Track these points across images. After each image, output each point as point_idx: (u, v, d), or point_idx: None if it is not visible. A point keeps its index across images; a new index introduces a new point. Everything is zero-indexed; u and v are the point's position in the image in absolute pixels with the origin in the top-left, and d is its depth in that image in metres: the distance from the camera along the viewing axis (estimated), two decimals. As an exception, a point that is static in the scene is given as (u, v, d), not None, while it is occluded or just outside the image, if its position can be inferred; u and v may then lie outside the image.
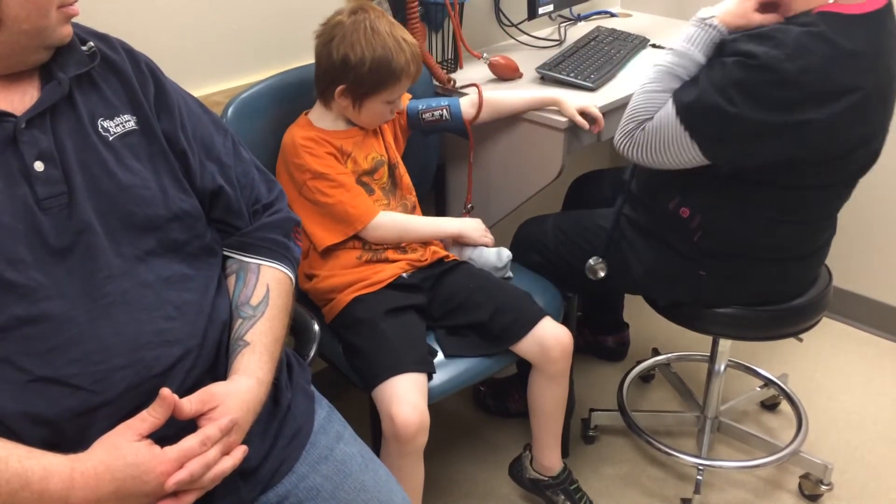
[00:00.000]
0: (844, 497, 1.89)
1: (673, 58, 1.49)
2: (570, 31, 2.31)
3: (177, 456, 0.90)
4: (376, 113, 1.57)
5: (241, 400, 1.00)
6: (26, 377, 0.91)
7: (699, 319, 1.71)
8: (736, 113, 1.37)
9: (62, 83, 0.99)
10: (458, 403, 2.16)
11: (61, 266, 0.95)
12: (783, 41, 1.34)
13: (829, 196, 1.55)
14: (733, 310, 1.66)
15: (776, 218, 1.53)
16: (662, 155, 1.49)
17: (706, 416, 1.97)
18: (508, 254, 1.73)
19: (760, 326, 1.70)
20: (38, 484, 0.85)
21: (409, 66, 1.51)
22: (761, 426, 2.12)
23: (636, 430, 1.96)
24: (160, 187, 1.05)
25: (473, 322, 1.58)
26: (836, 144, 1.41)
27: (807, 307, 1.68)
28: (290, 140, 1.57)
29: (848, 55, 1.34)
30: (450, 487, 1.93)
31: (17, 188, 0.94)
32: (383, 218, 1.59)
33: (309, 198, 1.55)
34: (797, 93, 1.35)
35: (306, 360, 1.30)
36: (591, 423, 2.04)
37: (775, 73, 1.33)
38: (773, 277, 1.63)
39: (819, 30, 1.34)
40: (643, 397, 2.22)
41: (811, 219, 1.57)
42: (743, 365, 2.18)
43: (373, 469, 1.16)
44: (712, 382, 1.93)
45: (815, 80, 1.34)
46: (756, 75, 1.35)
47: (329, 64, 1.51)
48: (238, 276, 1.15)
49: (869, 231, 2.35)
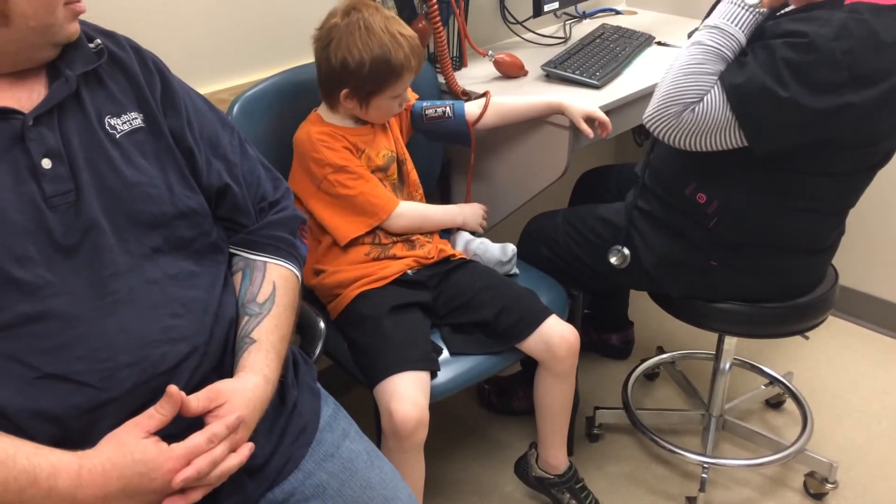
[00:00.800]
0: (850, 495, 1.89)
1: (718, 37, 1.42)
2: (576, 28, 2.30)
3: (184, 453, 0.91)
4: (384, 108, 1.57)
5: (248, 397, 1.00)
6: (33, 374, 0.91)
7: (705, 315, 1.70)
8: (787, 98, 1.34)
9: (69, 80, 0.98)
10: (464, 401, 2.16)
11: (68, 263, 0.95)
12: (829, 21, 1.33)
13: (847, 187, 1.55)
14: (739, 306, 1.66)
15: (792, 205, 1.52)
16: (705, 139, 1.45)
17: (711, 415, 1.97)
18: (513, 248, 1.73)
19: (766, 323, 1.69)
20: (46, 481, 0.86)
21: (409, 60, 1.50)
22: (766, 424, 2.12)
23: (641, 428, 1.96)
24: (167, 185, 1.05)
25: (479, 320, 1.58)
26: (866, 132, 1.41)
27: (813, 305, 1.68)
28: (306, 136, 1.56)
29: (885, 43, 1.34)
30: (455, 485, 1.93)
31: (25, 185, 0.94)
32: (404, 207, 1.60)
33: (329, 192, 1.55)
34: (842, 74, 1.33)
35: (312, 357, 1.30)
36: (595, 421, 2.04)
37: (823, 52, 1.32)
38: (783, 271, 1.62)
39: (862, 17, 1.34)
40: (648, 395, 2.22)
41: (826, 210, 1.57)
42: (748, 363, 2.17)
43: (378, 466, 1.17)
44: (717, 381, 1.92)
45: (857, 62, 1.33)
46: (805, 55, 1.33)
47: (329, 69, 1.51)
48: (244, 274, 1.15)
49: (874, 229, 2.35)
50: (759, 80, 1.36)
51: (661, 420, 2.09)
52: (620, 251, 1.69)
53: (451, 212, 1.74)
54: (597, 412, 2.04)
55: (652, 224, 1.68)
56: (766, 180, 1.51)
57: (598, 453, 2.02)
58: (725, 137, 1.44)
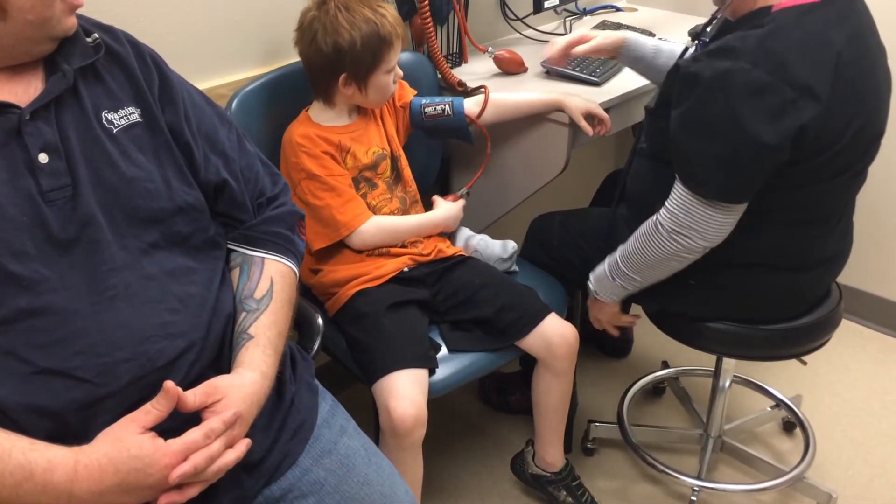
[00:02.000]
0: (850, 495, 1.89)
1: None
2: (576, 25, 2.30)
3: (181, 448, 0.90)
4: (382, 87, 1.56)
5: (245, 393, 1.00)
6: (30, 369, 0.91)
7: (693, 334, 1.61)
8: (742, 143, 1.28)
9: (67, 75, 0.98)
10: (462, 398, 2.16)
11: (65, 258, 0.95)
12: (744, 50, 1.27)
13: (819, 195, 1.42)
14: (728, 326, 1.56)
15: (763, 220, 1.42)
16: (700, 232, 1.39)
17: (709, 435, 1.89)
18: (514, 245, 1.72)
19: (755, 346, 1.58)
20: (42, 476, 0.85)
21: (395, 28, 1.52)
22: (771, 449, 2.01)
23: (632, 445, 1.89)
24: (164, 180, 1.05)
25: (478, 317, 1.58)
26: (825, 140, 1.32)
27: (810, 327, 1.55)
28: (289, 139, 1.57)
29: (812, 49, 1.28)
30: (452, 481, 1.93)
31: (22, 180, 0.94)
32: (370, 225, 1.57)
33: (301, 198, 1.55)
34: (779, 94, 1.26)
35: (310, 353, 1.30)
36: (590, 434, 1.98)
37: (750, 82, 1.25)
38: (766, 290, 1.52)
39: (775, 26, 1.28)
40: (650, 411, 2.14)
41: (803, 222, 1.45)
42: (753, 382, 2.07)
43: (376, 463, 1.16)
44: (716, 399, 1.83)
45: (790, 76, 1.26)
46: (750, 93, 1.26)
47: (322, 59, 1.51)
48: (242, 270, 1.15)
49: (872, 227, 2.34)
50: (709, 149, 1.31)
51: (658, 438, 2.02)
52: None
53: (426, 223, 1.67)
54: (591, 426, 1.98)
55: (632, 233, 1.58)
56: None
57: (590, 467, 1.96)
58: (716, 218, 1.38)
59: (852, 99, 1.32)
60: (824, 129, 1.30)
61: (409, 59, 1.80)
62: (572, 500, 1.77)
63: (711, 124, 1.31)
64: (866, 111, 1.37)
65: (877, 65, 1.39)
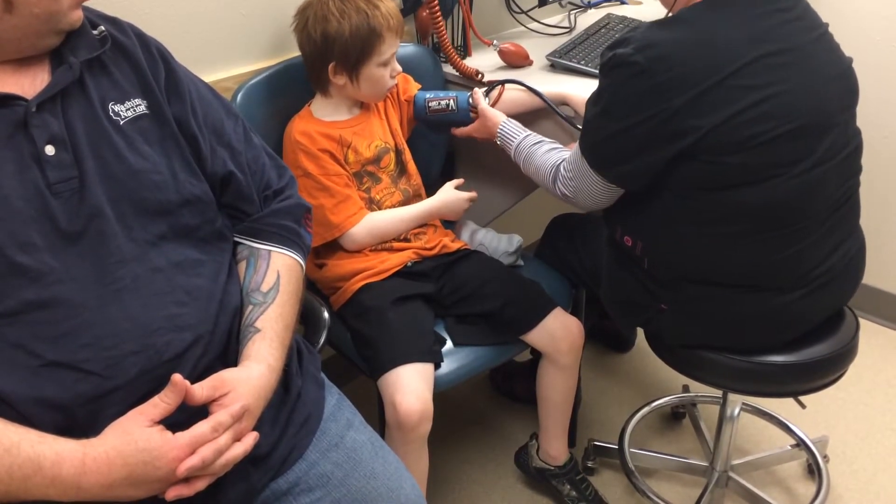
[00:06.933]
0: (852, 487, 1.89)
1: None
2: (581, 18, 2.29)
3: (188, 442, 0.90)
4: (375, 80, 1.54)
5: (253, 386, 1.00)
6: (38, 362, 0.91)
7: (681, 361, 1.49)
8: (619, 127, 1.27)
9: (73, 67, 0.98)
10: (467, 391, 2.16)
11: (72, 250, 0.95)
12: (632, 38, 1.26)
13: (766, 198, 1.26)
14: (718, 356, 1.42)
15: (723, 233, 1.30)
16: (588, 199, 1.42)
17: (713, 468, 1.75)
18: (519, 240, 1.72)
19: (747, 379, 1.43)
20: (50, 469, 0.86)
21: (388, 20, 1.49)
22: (788, 492, 1.83)
23: (627, 471, 1.81)
24: (171, 172, 1.05)
25: (483, 311, 1.57)
26: (723, 134, 1.22)
27: (810, 365, 1.38)
28: (289, 134, 1.57)
29: (712, 42, 1.23)
30: (456, 474, 1.93)
31: (28, 172, 0.93)
32: (361, 228, 1.56)
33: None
34: (651, 81, 1.22)
35: (316, 347, 1.30)
36: (591, 454, 1.92)
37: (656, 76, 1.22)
38: (744, 315, 1.37)
39: (672, 18, 1.27)
40: (665, 436, 2.03)
41: (770, 229, 1.29)
42: (769, 414, 1.92)
43: (382, 456, 1.16)
44: (723, 430, 1.68)
45: (664, 66, 1.22)
46: (622, 75, 1.25)
47: (312, 47, 1.50)
48: (248, 263, 1.15)
49: (876, 221, 2.33)
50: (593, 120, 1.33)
51: (662, 465, 1.91)
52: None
53: (422, 213, 1.64)
54: (591, 444, 1.91)
55: (613, 252, 1.51)
56: (682, 210, 1.31)
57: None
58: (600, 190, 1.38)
59: (753, 98, 1.22)
60: (715, 128, 1.21)
61: (413, 52, 1.79)
62: (576, 494, 1.77)
63: (598, 98, 1.33)
64: (786, 109, 1.23)
65: (808, 60, 1.28)
